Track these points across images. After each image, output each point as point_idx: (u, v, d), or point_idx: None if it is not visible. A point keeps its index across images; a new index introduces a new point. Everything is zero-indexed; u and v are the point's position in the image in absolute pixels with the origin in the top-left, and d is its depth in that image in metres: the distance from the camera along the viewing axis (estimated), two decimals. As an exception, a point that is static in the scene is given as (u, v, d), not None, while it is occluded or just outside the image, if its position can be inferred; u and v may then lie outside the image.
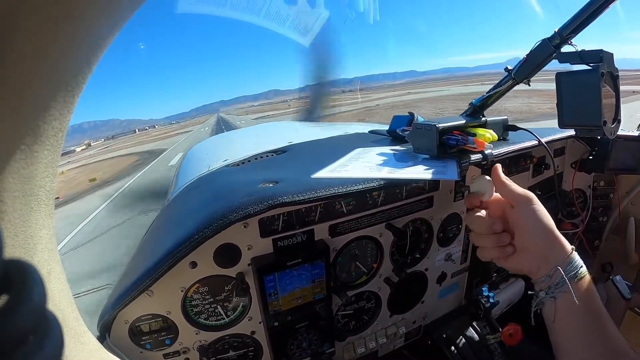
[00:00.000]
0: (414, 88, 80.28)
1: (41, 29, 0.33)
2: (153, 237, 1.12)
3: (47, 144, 0.40)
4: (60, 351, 0.26)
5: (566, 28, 0.92)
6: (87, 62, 0.41)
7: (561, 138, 1.31)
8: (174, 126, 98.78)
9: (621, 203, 1.61)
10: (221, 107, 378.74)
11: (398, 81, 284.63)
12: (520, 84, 1.09)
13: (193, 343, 0.95)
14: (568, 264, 0.75)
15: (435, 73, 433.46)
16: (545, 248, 0.79)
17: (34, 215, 0.42)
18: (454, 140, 0.99)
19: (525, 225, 0.81)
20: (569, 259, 0.76)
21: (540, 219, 0.80)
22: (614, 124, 0.99)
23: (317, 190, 0.83)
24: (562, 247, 0.77)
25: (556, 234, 0.79)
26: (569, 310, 0.74)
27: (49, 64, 0.36)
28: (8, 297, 0.23)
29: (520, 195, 0.83)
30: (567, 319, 0.74)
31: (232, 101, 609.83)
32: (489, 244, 0.87)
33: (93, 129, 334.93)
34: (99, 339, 0.85)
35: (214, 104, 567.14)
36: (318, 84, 1.14)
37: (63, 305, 0.51)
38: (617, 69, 0.95)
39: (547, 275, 0.77)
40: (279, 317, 0.96)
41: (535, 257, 0.80)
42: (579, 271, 0.75)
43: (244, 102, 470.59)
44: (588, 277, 0.75)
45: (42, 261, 0.45)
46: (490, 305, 1.25)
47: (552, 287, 0.75)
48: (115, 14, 0.41)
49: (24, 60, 0.33)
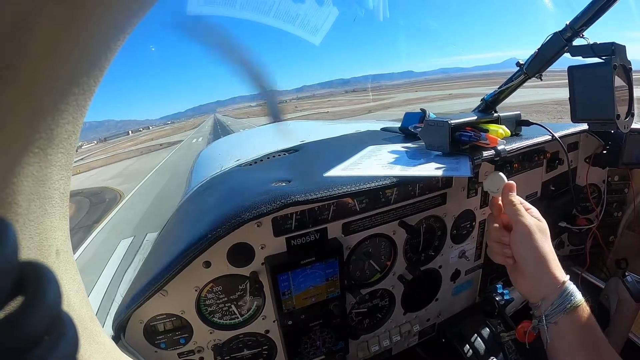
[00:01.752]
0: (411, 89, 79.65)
1: (53, 33, 0.33)
2: (167, 237, 1.13)
3: (61, 147, 0.41)
4: (76, 351, 0.26)
5: (578, 20, 0.91)
6: (98, 65, 0.41)
7: (574, 132, 1.29)
8: (167, 129, 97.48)
9: (636, 198, 1.58)
10: (218, 108, 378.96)
11: (395, 81, 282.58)
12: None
13: (207, 342, 0.96)
14: (559, 295, 0.74)
15: (433, 74, 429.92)
16: (536, 278, 0.79)
17: (48, 217, 0.42)
18: (467, 136, 0.99)
19: (518, 252, 0.81)
20: (560, 289, 0.75)
21: (534, 249, 0.79)
22: (628, 117, 0.97)
23: (330, 189, 0.83)
24: (554, 278, 0.77)
25: (549, 264, 0.78)
26: (561, 340, 0.74)
27: (61, 68, 0.36)
28: (24, 298, 0.23)
29: (520, 223, 0.81)
30: (560, 348, 0.74)
31: (228, 101, 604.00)
32: (495, 250, 0.88)
33: (88, 130, 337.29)
34: (113, 338, 0.86)
35: (210, 104, 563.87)
36: (265, 92, 1.14)
37: (78, 306, 0.52)
38: (629, 62, 0.94)
39: (537, 305, 0.78)
40: (293, 316, 0.96)
41: (528, 283, 0.81)
42: (572, 302, 0.73)
43: (241, 103, 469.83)
44: (585, 306, 0.74)
45: (57, 262, 0.46)
46: (504, 302, 1.24)
47: (542, 316, 0.76)
48: (126, 18, 0.41)
49: (37, 64, 0.33)
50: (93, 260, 5.65)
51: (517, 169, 1.15)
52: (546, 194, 1.42)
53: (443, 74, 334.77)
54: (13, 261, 0.22)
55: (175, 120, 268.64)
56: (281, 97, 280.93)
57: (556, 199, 1.43)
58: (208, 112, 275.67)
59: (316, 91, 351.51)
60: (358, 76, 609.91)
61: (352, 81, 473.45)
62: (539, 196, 1.40)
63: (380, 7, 2.00)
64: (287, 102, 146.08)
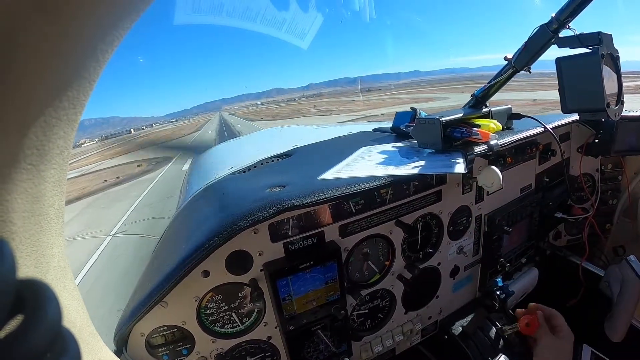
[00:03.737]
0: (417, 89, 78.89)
1: (41, 48, 0.33)
2: (164, 248, 1.13)
3: (54, 163, 0.40)
4: None
5: (563, 12, 0.92)
6: (88, 79, 0.41)
7: (565, 123, 1.30)
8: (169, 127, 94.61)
9: (630, 185, 1.60)
10: (223, 105, 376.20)
11: (402, 80, 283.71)
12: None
13: (210, 352, 0.95)
14: None
15: (439, 73, 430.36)
16: None
17: (44, 234, 0.42)
18: (459, 132, 0.99)
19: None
20: None
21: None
22: (618, 105, 0.98)
23: (325, 192, 0.83)
24: None
25: None
26: None
27: (51, 82, 0.36)
28: (24, 316, 0.23)
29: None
30: None
31: (234, 99, 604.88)
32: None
33: (94, 126, 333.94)
34: (115, 353, 0.86)
35: (216, 101, 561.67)
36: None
37: (78, 322, 0.51)
38: (617, 50, 0.94)
39: None
40: (294, 321, 0.96)
41: None
42: None
43: (246, 101, 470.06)
44: None
45: (55, 279, 0.45)
46: (505, 296, 1.24)
47: None
48: (113, 32, 0.40)
49: (26, 79, 0.33)
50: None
51: (510, 162, 1.15)
52: (540, 186, 1.43)
53: (450, 74, 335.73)
54: (11, 280, 0.22)
55: (180, 118, 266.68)
56: (289, 96, 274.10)
57: (551, 190, 1.43)
58: (213, 109, 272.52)
59: (322, 89, 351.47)
60: (364, 75, 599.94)
61: (358, 80, 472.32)
62: (534, 188, 1.41)
63: (366, 8, 2.00)
64: (296, 101, 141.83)
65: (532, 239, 1.46)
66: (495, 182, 1.01)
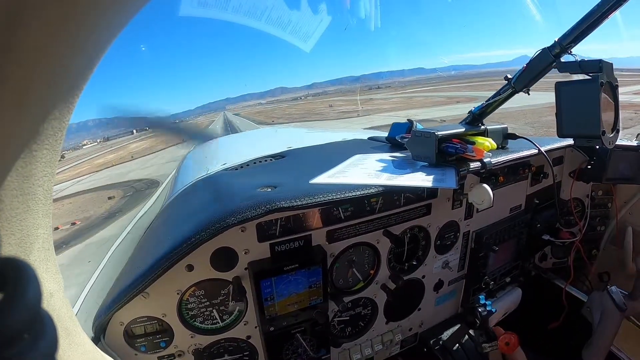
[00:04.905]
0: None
1: (43, 28, 0.32)
2: (150, 238, 1.12)
3: (46, 143, 0.40)
4: (54, 350, 0.26)
5: (566, 37, 0.93)
6: (88, 63, 0.41)
7: (560, 147, 1.31)
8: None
9: (619, 213, 1.61)
10: (227, 105, 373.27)
11: (407, 78, 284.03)
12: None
13: (188, 346, 0.95)
14: None
15: (444, 70, 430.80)
16: None
17: (31, 214, 0.42)
18: (453, 148, 0.99)
19: None
20: None
21: None
22: (613, 133, 0.99)
23: (316, 196, 0.83)
24: None
25: None
26: None
27: (50, 64, 0.36)
28: (3, 294, 0.22)
29: None
30: None
31: (238, 99, 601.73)
32: None
33: (97, 127, 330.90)
34: (93, 339, 0.85)
35: (220, 101, 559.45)
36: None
37: (58, 305, 0.51)
38: (616, 79, 0.96)
39: None
40: (275, 322, 0.96)
41: None
42: None
43: (250, 100, 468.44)
44: None
45: (38, 260, 0.45)
46: (487, 313, 1.24)
47: None
48: (117, 16, 0.40)
49: (25, 59, 0.33)
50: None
51: (502, 181, 1.16)
52: (530, 207, 1.44)
53: (455, 71, 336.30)
54: None
55: (184, 119, 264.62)
56: (293, 95, 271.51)
57: (540, 212, 1.45)
58: (217, 109, 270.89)
59: (327, 88, 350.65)
60: (368, 73, 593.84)
61: (362, 78, 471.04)
62: (523, 209, 1.42)
63: (372, 16, 2.01)
64: (303, 100, 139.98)
65: (518, 259, 1.47)
66: (486, 200, 1.01)
